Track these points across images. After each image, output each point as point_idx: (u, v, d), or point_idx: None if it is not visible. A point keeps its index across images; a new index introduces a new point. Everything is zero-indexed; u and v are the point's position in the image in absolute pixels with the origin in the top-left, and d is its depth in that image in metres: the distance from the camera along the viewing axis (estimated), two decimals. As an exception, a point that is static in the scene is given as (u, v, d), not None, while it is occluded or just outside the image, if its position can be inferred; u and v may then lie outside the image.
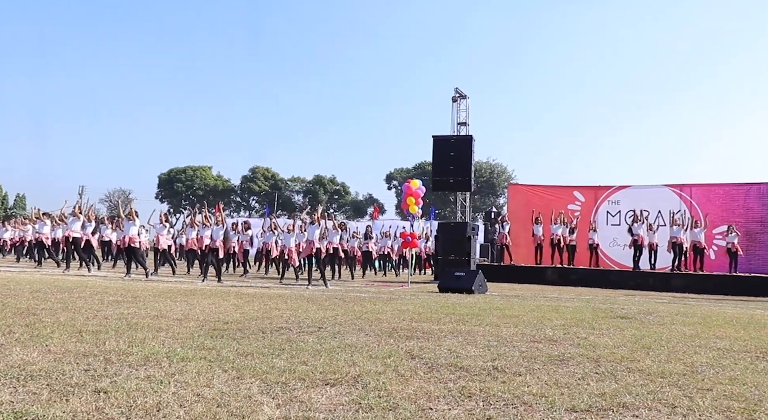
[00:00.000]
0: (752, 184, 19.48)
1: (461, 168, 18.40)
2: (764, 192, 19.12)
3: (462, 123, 19.12)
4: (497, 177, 66.54)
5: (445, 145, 18.68)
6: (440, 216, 55.26)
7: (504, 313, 7.77)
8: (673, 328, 6.75)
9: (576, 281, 17.72)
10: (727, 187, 19.84)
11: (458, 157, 18.37)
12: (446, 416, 2.87)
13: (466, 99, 19.16)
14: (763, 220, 18.63)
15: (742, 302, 12.50)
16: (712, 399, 3.36)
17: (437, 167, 18.93)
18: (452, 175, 18.49)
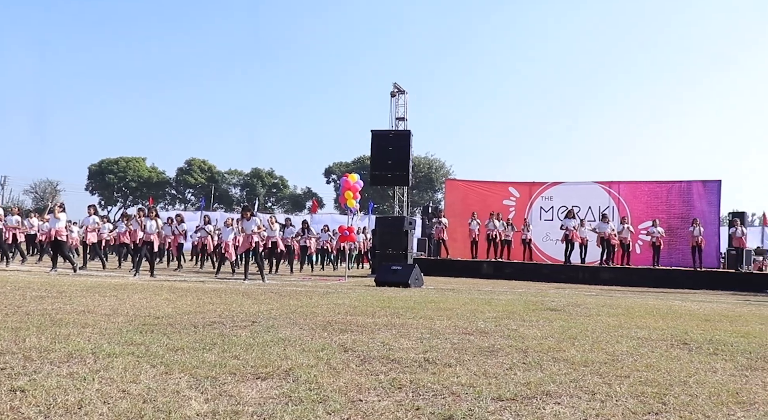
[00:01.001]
0: (674, 182, 20.44)
1: (399, 163, 18.53)
2: (685, 190, 20.10)
3: (400, 118, 19.25)
4: (435, 172, 67.28)
5: (383, 139, 18.77)
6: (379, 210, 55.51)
7: (438, 306, 7.89)
8: (598, 319, 7.01)
9: (510, 275, 18.15)
10: (651, 185, 20.75)
11: (396, 151, 18.49)
12: (375, 407, 2.91)
13: (405, 94, 19.29)
14: (683, 217, 19.56)
15: (663, 294, 13.11)
16: (629, 385, 3.53)
17: (375, 162, 19.00)
18: (390, 169, 18.61)
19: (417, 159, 64.59)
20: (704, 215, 19.18)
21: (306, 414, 2.75)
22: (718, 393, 3.41)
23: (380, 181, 19.65)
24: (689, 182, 20.21)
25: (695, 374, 3.94)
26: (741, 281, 16.95)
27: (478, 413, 2.86)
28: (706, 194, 19.87)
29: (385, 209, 54.04)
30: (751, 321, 7.43)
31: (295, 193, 76.58)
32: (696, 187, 20.03)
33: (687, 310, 8.76)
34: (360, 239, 23.63)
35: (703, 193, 19.88)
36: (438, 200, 61.50)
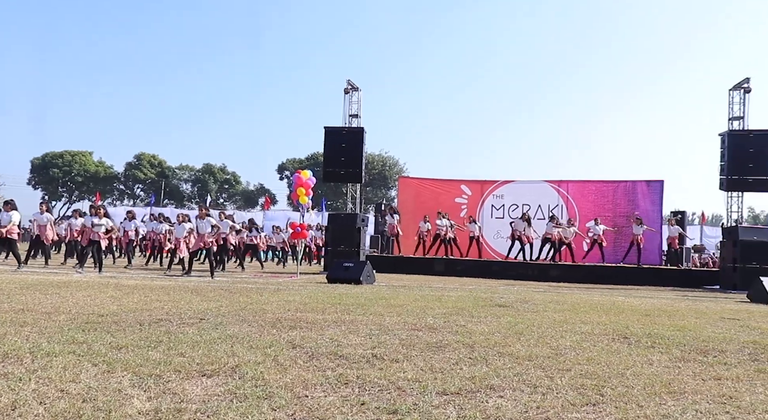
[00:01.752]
0: (620, 182, 21.04)
1: (352, 160, 18.51)
2: (630, 189, 20.72)
3: (354, 115, 19.20)
4: (389, 169, 67.46)
5: (336, 136, 18.71)
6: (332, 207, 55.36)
7: (389, 303, 7.94)
8: (545, 315, 7.18)
9: (462, 272, 18.36)
10: (598, 184, 21.30)
11: (349, 148, 18.47)
12: (321, 403, 2.92)
13: (359, 91, 19.26)
14: (629, 215, 20.14)
15: (608, 290, 13.49)
16: (570, 378, 3.63)
17: (328, 158, 18.94)
18: (343, 166, 18.57)
19: (371, 156, 64.65)
20: (648, 214, 19.79)
21: (251, 410, 2.74)
22: (653, 384, 3.55)
23: (333, 178, 19.59)
24: (634, 182, 20.84)
25: (633, 366, 4.09)
26: (681, 277, 17.58)
27: (423, 407, 2.90)
28: (650, 194, 20.52)
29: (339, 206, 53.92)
30: (687, 315, 7.73)
31: (248, 189, 75.66)
32: (640, 187, 20.66)
33: (629, 305, 9.04)
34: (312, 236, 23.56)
35: (647, 193, 20.53)
36: (392, 198, 61.77)
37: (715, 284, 16.91)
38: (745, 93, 17.26)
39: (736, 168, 16.80)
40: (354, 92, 19.27)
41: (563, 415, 2.85)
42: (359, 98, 19.28)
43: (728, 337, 5.76)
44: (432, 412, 2.83)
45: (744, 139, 16.90)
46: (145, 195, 67.37)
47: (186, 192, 73.05)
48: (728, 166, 16.93)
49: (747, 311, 8.85)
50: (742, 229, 16.24)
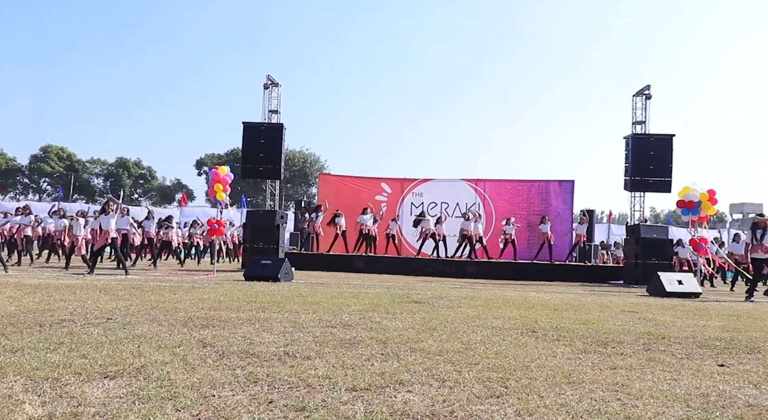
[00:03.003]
0: (534, 181, 21.82)
1: (271, 156, 18.30)
2: (543, 188, 21.52)
3: (273, 111, 18.96)
4: (310, 166, 67.07)
5: (255, 132, 18.43)
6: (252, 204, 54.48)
7: (305, 300, 7.90)
8: (459, 311, 7.34)
9: (381, 269, 18.49)
10: (513, 183, 22.00)
11: (268, 144, 18.24)
12: (228, 402, 2.88)
13: (278, 87, 19.02)
14: (542, 214, 20.89)
15: (521, 286, 13.95)
16: (477, 371, 3.74)
17: (247, 154, 18.64)
18: (262, 162, 18.32)
19: (291, 153, 64.04)
20: (560, 212, 20.62)
21: (153, 411, 2.67)
22: (554, 375, 3.71)
23: (252, 174, 19.28)
24: (547, 182, 21.65)
25: (537, 359, 4.25)
26: (589, 273, 18.42)
27: (331, 404, 2.91)
28: (562, 193, 21.38)
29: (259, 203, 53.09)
30: (592, 309, 8.11)
31: (164, 184, 73.26)
32: (553, 186, 21.49)
33: (539, 300, 9.38)
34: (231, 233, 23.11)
35: (559, 192, 21.38)
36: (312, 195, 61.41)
37: (619, 280, 17.82)
38: (646, 99, 18.29)
39: (639, 170, 17.78)
40: (274, 88, 19.03)
41: (468, 407, 2.93)
42: (279, 94, 19.06)
43: (627, 329, 6.09)
44: (340, 408, 2.85)
45: (645, 142, 17.90)
46: (53, 189, 63.93)
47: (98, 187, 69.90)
48: (631, 167, 17.90)
49: (645, 304, 9.38)
50: (643, 227, 17.19)
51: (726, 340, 5.49)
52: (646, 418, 2.86)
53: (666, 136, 17.87)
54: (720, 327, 6.60)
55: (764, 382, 3.75)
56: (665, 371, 3.98)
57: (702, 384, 3.63)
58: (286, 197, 61.39)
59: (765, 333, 6.21)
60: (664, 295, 11.62)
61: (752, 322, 7.36)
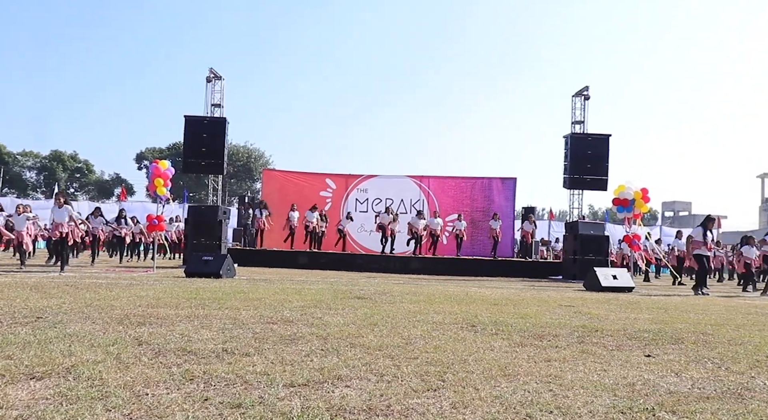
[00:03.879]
0: (477, 179, 22.18)
1: (214, 150, 17.98)
2: (486, 186, 21.90)
3: (216, 104, 18.63)
4: (255, 161, 66.22)
5: (197, 126, 18.08)
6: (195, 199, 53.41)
7: (247, 297, 7.81)
8: (400, 306, 7.40)
9: (325, 265, 18.47)
10: (457, 180, 22.31)
11: (211, 139, 17.92)
12: (162, 401, 2.82)
13: (222, 80, 18.69)
14: (484, 210, 21.30)
15: (463, 281, 14.18)
16: (416, 366, 3.79)
17: (188, 149, 18.27)
18: (204, 157, 17.99)
19: (235, 148, 63.08)
20: (502, 209, 21.03)
21: (81, 412, 2.59)
22: (491, 368, 3.79)
23: (193, 168, 18.92)
24: (490, 179, 22.05)
25: (475, 352, 4.33)
26: (529, 269, 18.86)
27: (268, 400, 2.90)
28: (504, 190, 21.81)
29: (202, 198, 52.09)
30: (531, 304, 8.32)
31: (102, 179, 70.98)
32: (495, 184, 21.90)
33: (480, 295, 9.56)
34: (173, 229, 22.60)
35: (502, 189, 21.80)
36: (257, 190, 60.65)
37: (558, 275, 18.32)
38: (585, 100, 18.83)
39: (577, 168, 18.30)
40: (216, 81, 18.70)
41: (405, 401, 2.97)
42: (222, 87, 18.74)
43: (563, 322, 6.27)
44: (277, 404, 2.83)
45: (583, 141, 18.43)
46: (-19, 183, 61.02)
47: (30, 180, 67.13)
48: (570, 166, 18.41)
49: (581, 299, 9.68)
50: (581, 224, 17.72)
51: (654, 332, 5.72)
52: (576, 407, 2.95)
53: (603, 135, 18.44)
54: (649, 319, 6.87)
55: (685, 371, 3.94)
56: (596, 362, 4.12)
57: (629, 374, 3.77)
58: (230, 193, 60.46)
59: (689, 324, 6.50)
60: (600, 290, 12.02)
61: (679, 314, 7.70)
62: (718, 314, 7.96)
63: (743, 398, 3.27)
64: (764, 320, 7.37)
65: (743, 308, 9.32)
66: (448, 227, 21.12)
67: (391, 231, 19.53)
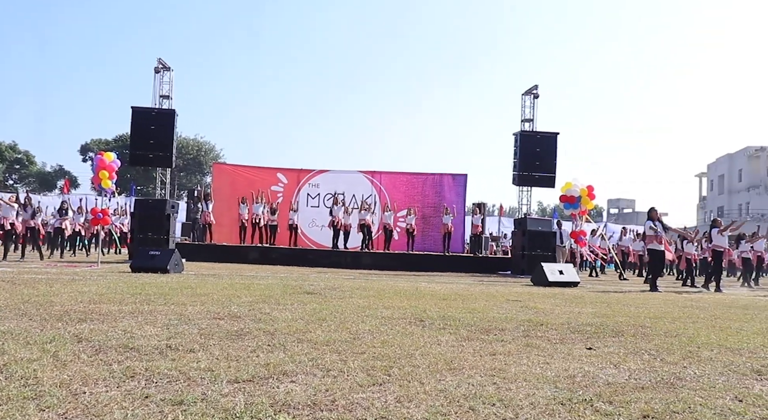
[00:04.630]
0: (428, 175, 22.34)
1: (162, 143, 17.58)
2: (437, 181, 22.08)
3: (165, 96, 18.21)
4: (205, 155, 65.06)
5: (145, 117, 17.64)
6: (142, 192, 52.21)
7: (194, 292, 7.69)
8: (350, 301, 7.40)
9: (276, 260, 18.32)
10: (408, 176, 22.43)
11: (159, 131, 17.51)
12: (100, 399, 2.75)
13: (170, 71, 18.28)
14: (436, 206, 21.47)
15: (414, 276, 14.26)
16: (362, 360, 3.80)
17: (136, 140, 17.82)
18: (152, 149, 17.57)
19: (185, 140, 61.87)
20: (453, 205, 21.24)
21: (12, 413, 2.50)
22: (437, 362, 3.83)
23: (141, 161, 18.48)
24: (441, 175, 22.24)
25: (422, 347, 4.37)
26: (479, 264, 19.12)
27: (211, 396, 2.86)
28: (455, 186, 22.03)
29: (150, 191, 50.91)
30: (479, 298, 8.44)
31: (44, 170, 68.55)
32: (446, 180, 22.10)
33: (430, 290, 9.64)
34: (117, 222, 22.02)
35: (453, 185, 22.02)
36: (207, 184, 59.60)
37: (507, 270, 18.63)
38: (534, 98, 19.17)
39: (526, 165, 18.63)
40: (165, 72, 18.28)
41: (350, 396, 2.97)
42: (171, 78, 18.33)
43: (509, 316, 6.38)
44: (220, 400, 2.80)
45: (532, 139, 18.77)
46: None
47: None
48: (519, 163, 18.72)
49: (529, 293, 9.87)
50: (530, 220, 18.06)
51: (596, 325, 5.88)
52: (518, 399, 3.01)
53: (551, 134, 18.81)
54: (592, 313, 7.06)
55: (623, 362, 4.07)
56: (540, 355, 4.21)
57: (571, 366, 3.87)
58: (179, 186, 59.28)
59: (629, 318, 6.71)
60: (547, 285, 12.28)
61: (621, 308, 7.94)
62: (657, 308, 8.24)
63: (675, 387, 3.40)
64: (698, 313, 7.67)
65: (680, 302, 9.68)
66: (400, 223, 21.22)
67: (343, 226, 19.50)
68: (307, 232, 21.92)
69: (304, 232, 21.73)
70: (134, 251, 15.43)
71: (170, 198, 18.95)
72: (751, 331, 6.04)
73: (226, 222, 20.90)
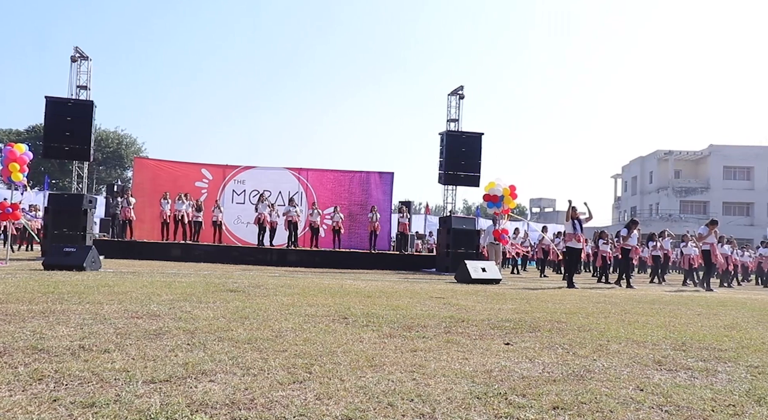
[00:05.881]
0: (355, 172, 22.40)
1: (79, 135, 16.83)
2: (364, 179, 22.17)
3: (82, 86, 17.44)
4: (126, 148, 62.73)
5: (60, 108, 16.84)
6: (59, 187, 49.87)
7: (112, 290, 7.43)
8: (274, 299, 7.34)
9: (199, 257, 17.94)
10: (336, 174, 22.42)
11: (76, 123, 16.75)
12: (2, 404, 2.63)
13: (88, 61, 17.52)
14: (363, 204, 21.56)
15: (340, 274, 14.28)
16: (284, 358, 3.79)
17: (50, 132, 16.98)
18: (68, 141, 16.80)
19: (105, 133, 59.53)
20: (379, 203, 21.39)
21: None
22: (358, 359, 3.86)
23: (56, 153, 17.62)
24: (368, 173, 22.34)
25: (344, 344, 4.40)
26: (405, 262, 19.34)
27: (125, 398, 2.78)
28: (382, 184, 22.19)
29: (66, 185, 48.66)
30: (403, 296, 8.54)
31: (-54, 162, 64.15)
32: (373, 178, 22.23)
33: (355, 288, 9.68)
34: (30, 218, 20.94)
35: (379, 183, 22.16)
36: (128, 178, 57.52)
37: (432, 268, 18.93)
38: (460, 99, 19.56)
39: (451, 164, 18.98)
40: (83, 61, 17.51)
41: (269, 394, 2.96)
42: (89, 68, 17.58)
43: (432, 313, 6.50)
44: (134, 401, 2.73)
45: (458, 139, 19.15)
46: None
47: None
48: (445, 162, 19.06)
49: (452, 290, 10.08)
50: (454, 218, 18.41)
51: (514, 321, 6.08)
52: (436, 394, 3.09)
53: (476, 134, 19.24)
54: (512, 310, 7.30)
55: (538, 356, 4.23)
56: (459, 351, 4.32)
57: (488, 361, 3.99)
58: (98, 180, 56.97)
59: (546, 313, 6.98)
60: (470, 282, 12.56)
61: (539, 304, 8.23)
62: (573, 303, 8.60)
63: (584, 379, 3.58)
64: (610, 308, 8.06)
65: (594, 297, 10.12)
66: (327, 220, 21.18)
67: (269, 223, 19.29)
68: (232, 228, 21.54)
69: (229, 229, 21.35)
70: (47, 248, 14.73)
71: (88, 192, 18.19)
72: (655, 324, 6.41)
73: (148, 218, 20.28)
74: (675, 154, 64.16)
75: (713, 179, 62.21)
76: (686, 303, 9.72)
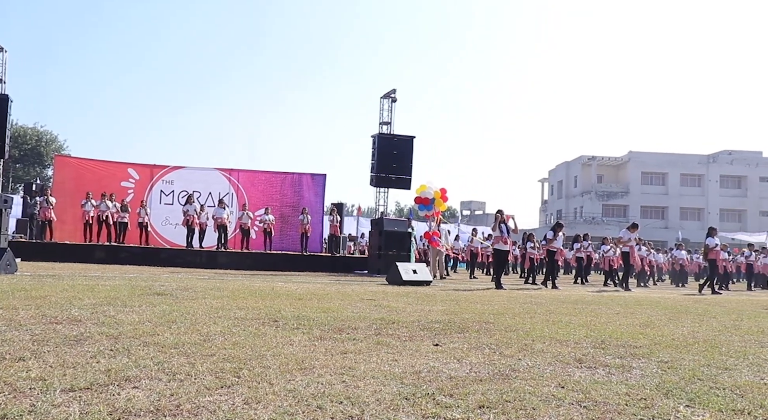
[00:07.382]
0: (287, 174, 22.25)
1: (-7, 131, 15.98)
2: (297, 181, 22.04)
3: (-2, 80, 16.59)
4: (46, 146, 59.90)
5: (-28, 102, 15.94)
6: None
7: (29, 295, 7.09)
8: (203, 302, 7.19)
9: (125, 259, 17.37)
10: (267, 175, 22.18)
11: (-10, 118, 15.90)
12: None
13: (3, 52, 16.67)
14: (294, 205, 21.42)
15: (271, 276, 14.13)
16: (211, 363, 3.72)
17: (-38, 127, 16.05)
18: (-19, 138, 15.92)
19: (22, 129, 56.70)
20: (312, 205, 21.30)
21: None
22: (288, 362, 3.84)
23: (-33, 150, 16.66)
24: (300, 174, 22.22)
25: (274, 347, 4.36)
26: (337, 263, 19.33)
27: (41, 408, 2.67)
28: (314, 186, 22.11)
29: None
30: (334, 298, 8.54)
31: None
32: (306, 179, 22.13)
33: (286, 290, 9.60)
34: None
35: (311, 185, 22.08)
36: (48, 177, 54.95)
37: (364, 269, 19.00)
38: (392, 102, 19.74)
39: (383, 167, 19.14)
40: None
41: (196, 399, 2.91)
42: (4, 60, 16.72)
43: (363, 315, 6.53)
44: (51, 412, 2.62)
45: (390, 141, 19.32)
46: None
47: None
48: (377, 165, 19.20)
49: (383, 292, 10.15)
50: (386, 220, 18.54)
51: (444, 323, 6.19)
52: (365, 396, 3.11)
53: (408, 137, 19.47)
54: (441, 311, 7.42)
55: (466, 357, 4.33)
56: (389, 353, 4.37)
57: (417, 362, 4.05)
58: (15, 179, 54.14)
59: (475, 314, 7.14)
60: (401, 284, 12.68)
61: (468, 305, 8.41)
62: (500, 304, 8.82)
63: (509, 378, 3.69)
64: (536, 308, 8.32)
65: (521, 298, 10.42)
66: (257, 222, 20.92)
67: (198, 224, 18.89)
68: (159, 230, 20.94)
69: (156, 230, 20.74)
70: (-43, 250, 13.87)
71: (3, 191, 17.27)
72: (577, 323, 6.66)
73: (70, 219, 19.45)
74: (598, 160, 66.79)
75: (632, 184, 65.12)
76: (606, 303, 10.15)
